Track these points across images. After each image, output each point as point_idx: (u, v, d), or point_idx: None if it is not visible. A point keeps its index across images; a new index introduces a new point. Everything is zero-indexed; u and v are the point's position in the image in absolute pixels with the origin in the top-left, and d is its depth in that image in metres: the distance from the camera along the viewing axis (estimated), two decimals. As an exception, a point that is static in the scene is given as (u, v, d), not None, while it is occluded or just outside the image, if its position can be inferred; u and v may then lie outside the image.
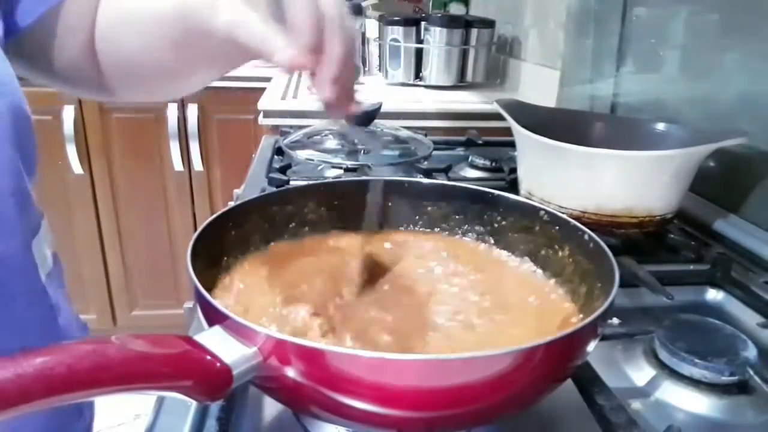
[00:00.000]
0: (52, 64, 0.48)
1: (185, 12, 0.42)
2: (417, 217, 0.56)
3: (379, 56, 1.62)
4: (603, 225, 0.66)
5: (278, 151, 1.00)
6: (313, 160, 0.91)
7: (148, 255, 1.82)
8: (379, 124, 1.01)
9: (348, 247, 0.51)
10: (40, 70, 0.49)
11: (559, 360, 0.33)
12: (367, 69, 1.72)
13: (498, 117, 0.78)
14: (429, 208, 0.55)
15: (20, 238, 0.40)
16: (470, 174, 0.96)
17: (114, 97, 0.54)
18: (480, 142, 1.10)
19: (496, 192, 0.53)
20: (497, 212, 0.53)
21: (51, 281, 0.44)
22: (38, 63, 0.48)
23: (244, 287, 0.44)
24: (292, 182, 0.83)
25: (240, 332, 0.31)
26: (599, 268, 0.42)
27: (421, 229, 0.55)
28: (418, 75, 1.53)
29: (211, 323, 0.33)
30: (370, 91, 1.48)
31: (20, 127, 0.40)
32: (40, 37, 0.46)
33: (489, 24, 1.50)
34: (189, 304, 0.43)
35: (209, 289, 0.35)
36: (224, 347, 0.31)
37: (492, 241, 0.53)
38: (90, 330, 0.54)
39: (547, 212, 0.49)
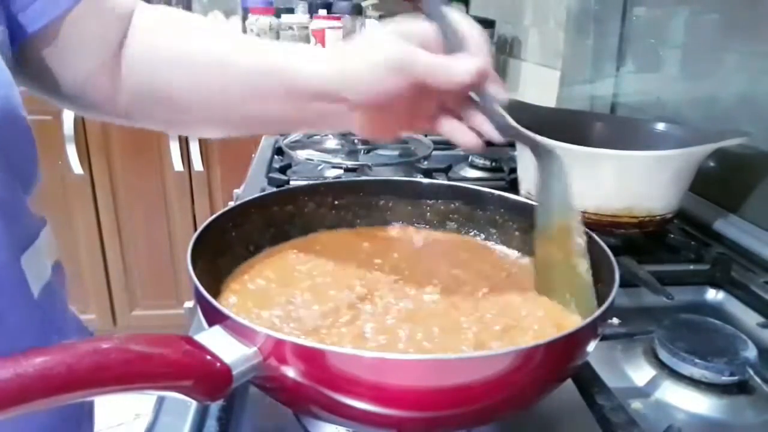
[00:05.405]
0: (57, 79, 0.45)
1: (283, 72, 0.42)
2: (416, 217, 0.55)
3: (379, 56, 1.62)
4: (603, 225, 0.66)
5: (278, 151, 1.00)
6: (313, 160, 0.91)
7: (148, 255, 1.82)
8: (379, 124, 1.01)
9: (349, 246, 0.51)
10: (44, 84, 0.46)
11: (559, 360, 0.33)
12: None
13: (498, 117, 0.78)
14: (428, 209, 0.55)
15: (7, 252, 0.38)
16: (470, 174, 0.96)
17: (127, 122, 0.50)
18: (480, 142, 1.10)
19: (496, 192, 0.53)
20: (497, 212, 0.53)
21: (48, 294, 0.43)
22: (42, 76, 0.45)
23: (245, 287, 0.44)
24: (292, 182, 0.83)
25: (240, 332, 0.31)
26: (599, 268, 0.42)
27: (420, 229, 0.55)
28: (418, 75, 1.53)
29: (211, 323, 0.33)
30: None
31: (10, 137, 0.38)
32: (46, 48, 0.44)
33: (489, 24, 1.50)
34: (189, 304, 0.43)
35: (210, 290, 0.35)
36: (224, 347, 0.31)
37: (491, 241, 0.53)
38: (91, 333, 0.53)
39: (547, 212, 0.49)
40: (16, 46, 0.42)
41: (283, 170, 0.89)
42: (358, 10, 1.65)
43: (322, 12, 1.62)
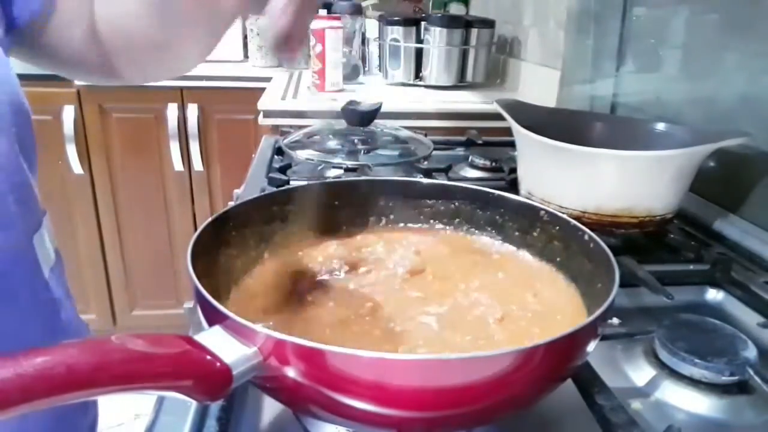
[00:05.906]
0: (57, 55, 0.49)
1: None
2: (416, 217, 0.55)
3: (379, 56, 1.62)
4: (603, 225, 0.66)
5: (278, 151, 1.00)
6: (313, 160, 0.91)
7: (148, 255, 1.82)
8: (379, 124, 1.01)
9: (349, 246, 0.51)
10: (46, 61, 0.50)
11: (559, 360, 0.33)
12: (367, 69, 1.72)
13: (498, 117, 0.78)
14: (428, 209, 0.55)
15: (22, 231, 0.40)
16: (470, 174, 0.96)
17: (123, 80, 0.54)
18: (480, 142, 1.10)
19: (496, 192, 0.53)
20: (497, 212, 0.53)
21: (54, 276, 0.45)
22: (43, 54, 0.49)
23: (246, 286, 0.44)
24: (292, 182, 0.83)
25: (240, 332, 0.31)
26: (599, 268, 0.42)
27: (419, 228, 0.55)
28: (418, 75, 1.53)
29: (211, 323, 0.33)
30: (370, 91, 1.48)
31: (21, 122, 0.40)
32: (40, 30, 0.47)
33: (489, 24, 1.50)
34: (189, 304, 0.43)
35: (210, 290, 0.35)
36: (224, 347, 0.31)
37: (491, 241, 0.53)
38: (90, 329, 0.54)
39: (547, 212, 0.49)
40: (13, 35, 0.44)
41: (283, 170, 0.89)
42: (358, 10, 1.65)
43: (322, 12, 1.62)
